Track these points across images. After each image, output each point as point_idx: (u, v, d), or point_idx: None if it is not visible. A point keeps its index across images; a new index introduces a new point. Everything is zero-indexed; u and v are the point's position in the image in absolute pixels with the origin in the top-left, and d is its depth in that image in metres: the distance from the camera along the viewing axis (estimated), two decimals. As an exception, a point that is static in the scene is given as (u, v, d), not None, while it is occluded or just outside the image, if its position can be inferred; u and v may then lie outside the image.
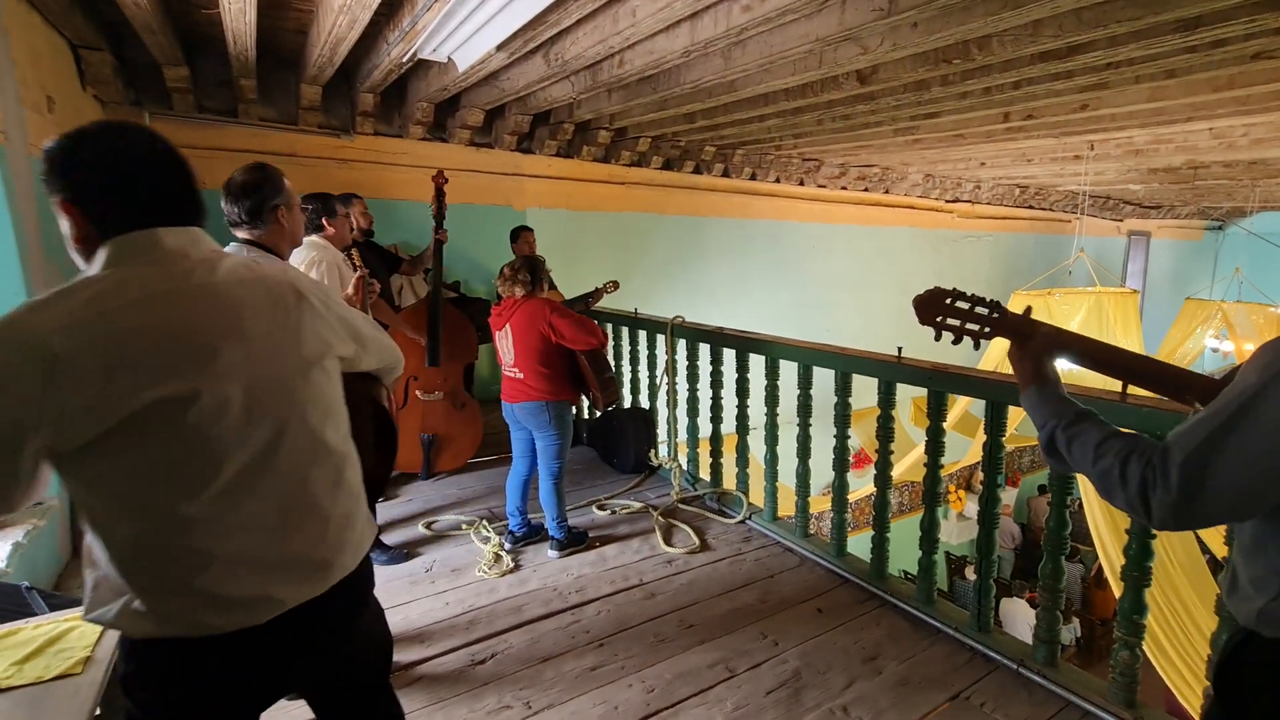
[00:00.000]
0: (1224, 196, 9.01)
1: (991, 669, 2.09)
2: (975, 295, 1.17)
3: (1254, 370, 0.79)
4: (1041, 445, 1.02)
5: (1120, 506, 0.88)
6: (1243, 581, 0.87)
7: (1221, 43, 2.74)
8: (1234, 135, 4.77)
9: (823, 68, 3.14)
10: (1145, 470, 0.82)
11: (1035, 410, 1.04)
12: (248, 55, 3.25)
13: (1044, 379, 1.06)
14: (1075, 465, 0.95)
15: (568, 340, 2.75)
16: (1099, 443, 0.90)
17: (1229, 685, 0.89)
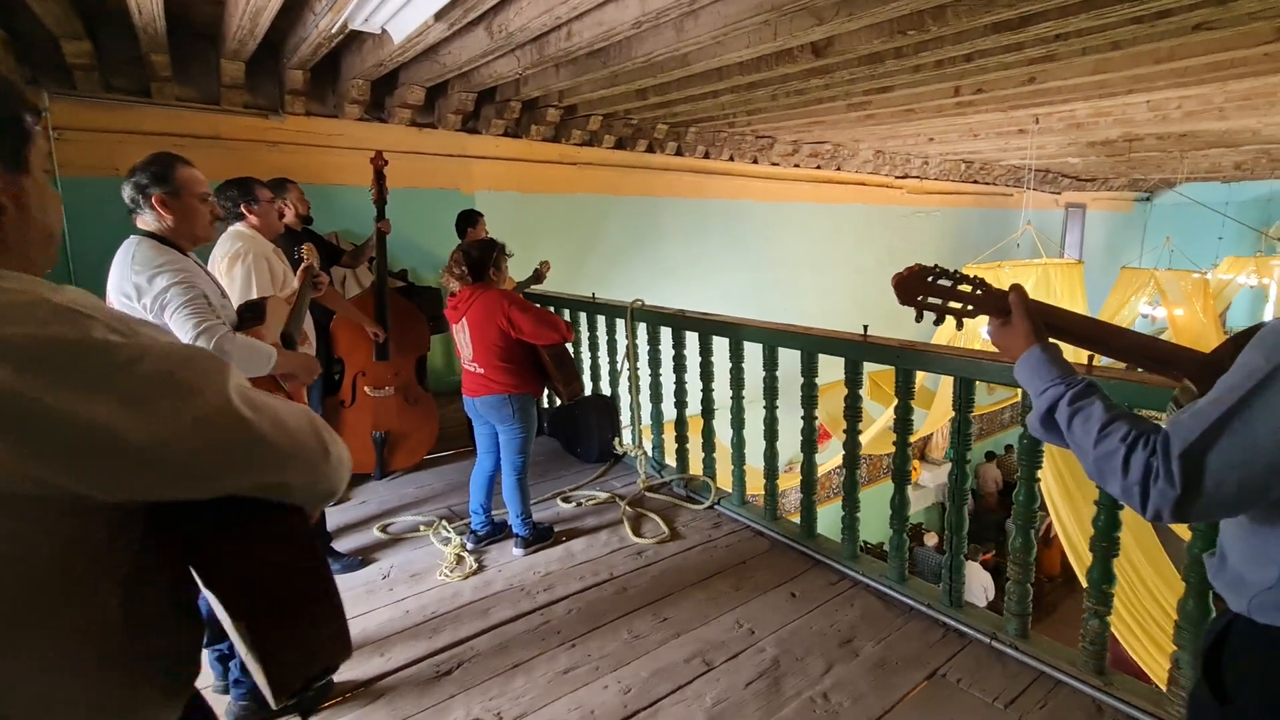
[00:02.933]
0: (1154, 169, 9.40)
1: (965, 644, 2.10)
2: (958, 272, 1.10)
3: (1261, 353, 0.74)
4: (1036, 413, 0.95)
5: (1112, 491, 0.83)
6: (1234, 563, 0.84)
7: (1166, 13, 2.76)
8: (1169, 108, 4.92)
9: (778, 39, 3.05)
10: (1150, 459, 0.77)
11: (1034, 374, 0.97)
12: (156, 27, 2.95)
13: (1044, 341, 0.99)
14: (1071, 440, 0.89)
15: (527, 335, 2.61)
16: (1105, 423, 0.84)
17: (1217, 668, 0.86)
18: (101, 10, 3.14)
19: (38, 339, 0.53)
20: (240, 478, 0.63)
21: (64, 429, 0.53)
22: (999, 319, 1.06)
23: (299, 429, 0.68)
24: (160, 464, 0.58)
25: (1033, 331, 1.01)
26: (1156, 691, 1.83)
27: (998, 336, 1.06)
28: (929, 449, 9.83)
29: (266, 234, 2.47)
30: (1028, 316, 1.02)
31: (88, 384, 0.54)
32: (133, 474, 0.57)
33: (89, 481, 0.56)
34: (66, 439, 0.54)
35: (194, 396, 0.59)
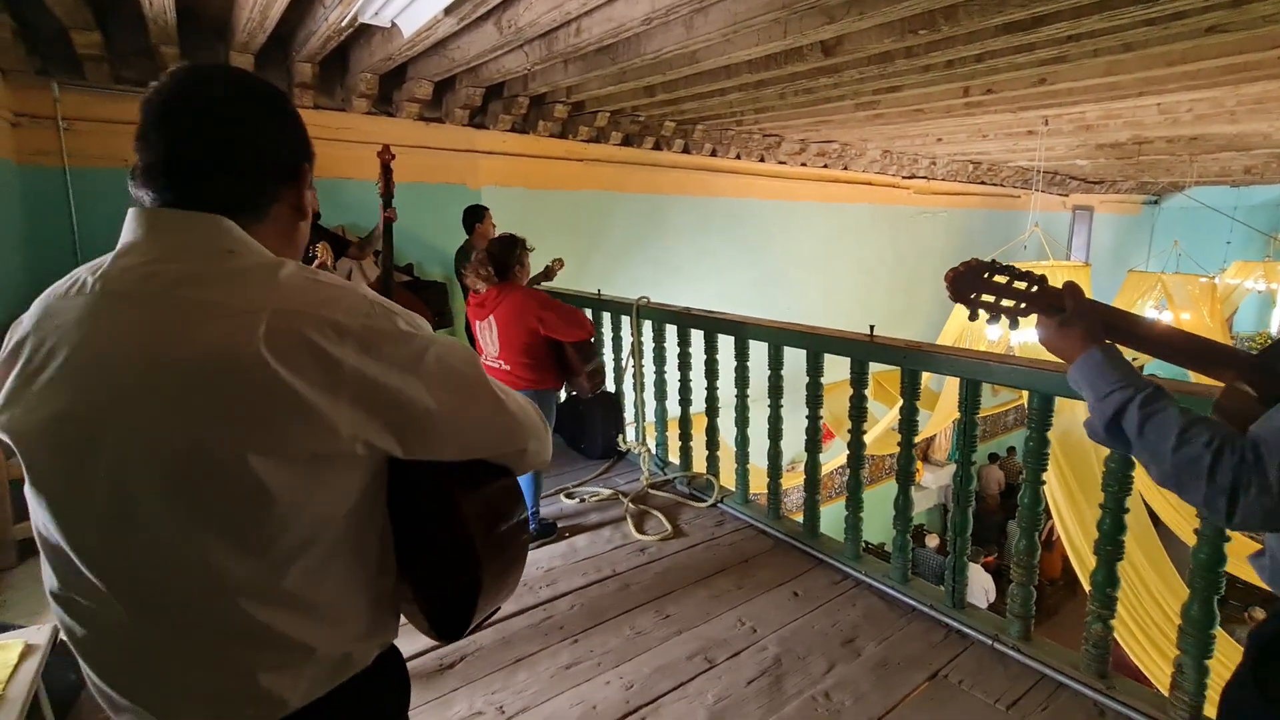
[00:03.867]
0: (1163, 172, 9.35)
1: (967, 645, 2.10)
2: (1017, 268, 1.04)
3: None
4: (1100, 418, 0.90)
5: (1193, 499, 0.80)
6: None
7: (1180, 15, 2.75)
8: (1179, 111, 4.89)
9: (788, 38, 3.04)
10: (1240, 466, 0.75)
11: (1098, 375, 0.92)
12: (167, 19, 2.96)
13: (1103, 343, 0.95)
14: (1141, 445, 0.86)
15: (558, 333, 2.67)
16: (1184, 428, 0.81)
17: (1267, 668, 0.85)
18: (111, 2, 3.15)
19: (369, 328, 0.68)
20: (497, 445, 0.81)
21: (390, 399, 0.68)
22: (1054, 319, 1.00)
23: (529, 409, 0.86)
24: (451, 431, 0.75)
25: (1091, 332, 0.96)
26: (1159, 696, 1.83)
27: (1053, 337, 1.00)
28: (932, 450, 9.81)
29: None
30: (1086, 316, 0.97)
31: (403, 366, 0.69)
32: (431, 437, 0.74)
33: (399, 443, 0.71)
34: (392, 406, 0.69)
35: (470, 383, 0.77)
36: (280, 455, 0.64)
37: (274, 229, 0.74)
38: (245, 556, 0.66)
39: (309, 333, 0.64)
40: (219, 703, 0.70)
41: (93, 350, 0.64)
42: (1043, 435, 1.94)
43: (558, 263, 4.14)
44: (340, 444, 0.67)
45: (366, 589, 0.76)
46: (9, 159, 3.30)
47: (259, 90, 0.74)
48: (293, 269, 0.69)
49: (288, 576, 0.68)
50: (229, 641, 0.68)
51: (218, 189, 0.69)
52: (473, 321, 2.79)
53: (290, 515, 0.66)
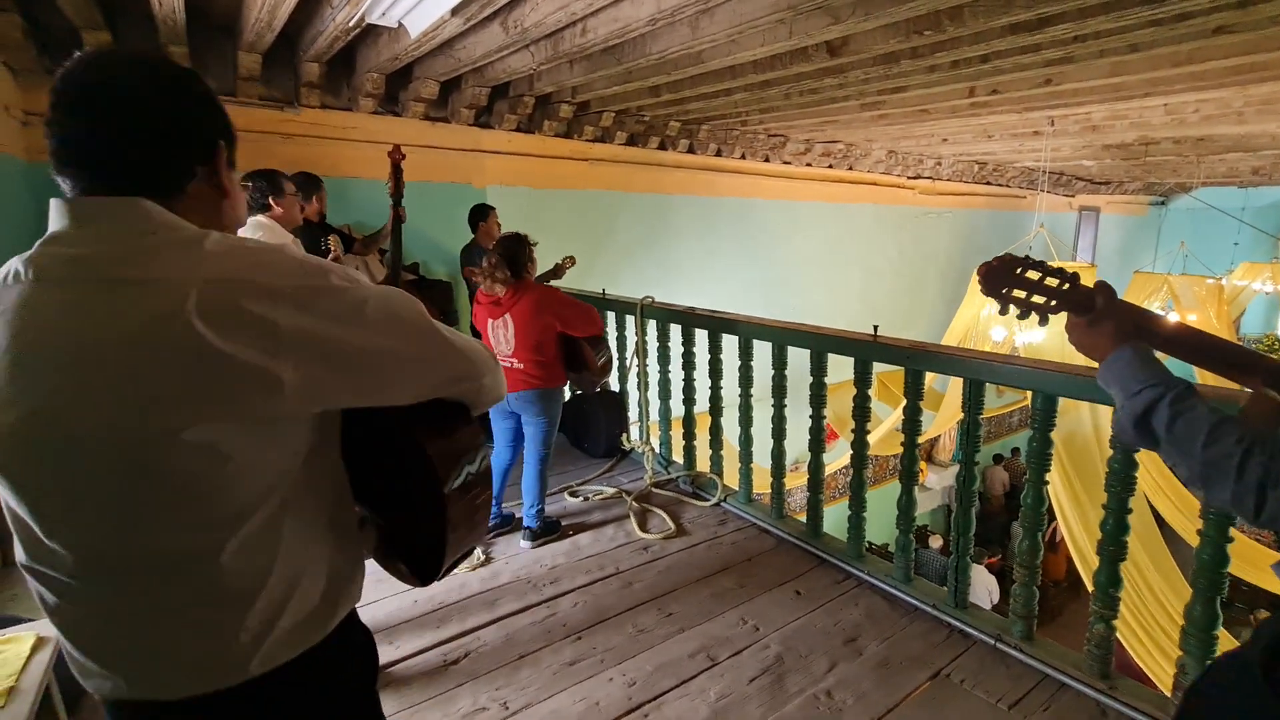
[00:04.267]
0: (1170, 173, 9.31)
1: (970, 644, 2.11)
2: (1049, 265, 1.03)
3: None
4: (1129, 416, 0.90)
5: (1219, 498, 0.80)
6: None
7: (1186, 16, 2.74)
8: (1186, 112, 4.87)
9: (793, 38, 3.05)
10: (1270, 464, 0.75)
11: (1128, 373, 0.92)
12: (176, 19, 2.98)
13: (1135, 342, 0.95)
14: (1170, 443, 0.85)
15: (577, 329, 2.73)
16: (1215, 425, 0.81)
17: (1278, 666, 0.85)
18: (121, 1, 3.17)
19: (303, 287, 0.70)
20: (452, 382, 0.84)
21: (334, 353, 0.70)
22: (1084, 318, 1.00)
23: (477, 345, 0.88)
24: (399, 374, 0.77)
25: (1122, 331, 0.96)
26: (1161, 697, 1.83)
27: (1083, 335, 1.01)
28: (936, 451, 9.79)
29: (286, 225, 2.51)
30: (1116, 315, 0.97)
31: (342, 317, 0.71)
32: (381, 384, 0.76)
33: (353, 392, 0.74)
34: (337, 360, 0.71)
35: (412, 326, 0.79)
36: (225, 420, 0.66)
37: (196, 206, 0.75)
38: (197, 523, 0.68)
39: (241, 299, 0.65)
40: (180, 667, 0.72)
41: (31, 337, 0.65)
42: (1046, 436, 1.94)
43: (568, 260, 4.14)
44: (286, 403, 0.68)
45: (323, 547, 0.79)
46: (19, 156, 3.33)
47: (164, 71, 0.74)
48: (217, 238, 0.70)
49: (236, 539, 0.70)
50: (187, 608, 0.71)
51: (130, 171, 0.70)
52: (483, 321, 2.79)
53: (243, 478, 0.69)
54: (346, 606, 0.84)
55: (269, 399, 0.67)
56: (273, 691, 0.76)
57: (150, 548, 0.68)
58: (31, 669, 1.27)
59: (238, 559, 0.71)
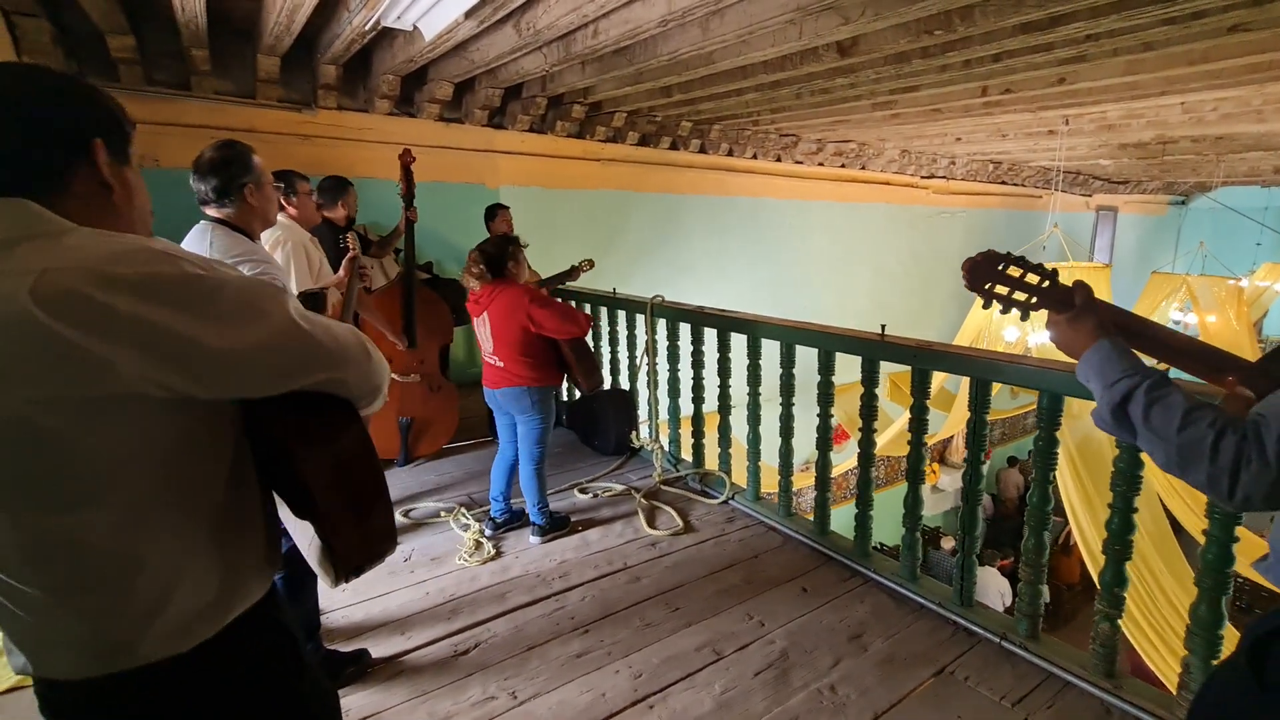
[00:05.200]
0: (1189, 172, 9.18)
1: (975, 643, 2.12)
2: (1030, 262, 1.09)
3: None
4: (1106, 405, 0.94)
5: (1196, 480, 0.83)
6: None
7: (1200, 14, 2.72)
8: (1204, 110, 4.82)
9: (803, 39, 3.06)
10: (1242, 444, 0.78)
11: (1106, 364, 0.96)
12: (198, 24, 3.06)
13: (1112, 335, 0.99)
14: (1146, 430, 0.89)
15: (549, 331, 2.66)
16: (1188, 410, 0.84)
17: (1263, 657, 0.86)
18: (145, 6, 3.25)
19: (147, 275, 0.70)
20: (305, 375, 0.82)
21: (173, 341, 0.70)
22: (1063, 314, 1.05)
23: (345, 336, 0.87)
24: (245, 365, 0.76)
25: (1101, 326, 1.00)
26: (1167, 696, 1.83)
27: (1061, 332, 1.05)
28: (949, 452, 9.74)
29: (303, 224, 2.57)
30: (1095, 312, 1.02)
31: (186, 307, 0.71)
32: (226, 374, 0.75)
33: (193, 382, 0.73)
34: (175, 348, 0.71)
35: (265, 315, 0.78)
36: (59, 401, 0.68)
37: (82, 205, 0.76)
38: (54, 508, 0.71)
39: (77, 285, 0.67)
40: (70, 649, 0.75)
41: None
42: (1051, 435, 1.95)
43: (586, 263, 4.17)
44: (122, 385, 0.69)
45: (209, 538, 0.79)
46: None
47: (30, 76, 0.77)
48: (84, 233, 0.72)
49: (99, 526, 0.72)
50: (62, 592, 0.73)
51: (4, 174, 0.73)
52: (472, 317, 2.83)
53: (87, 463, 0.71)
54: (242, 604, 0.84)
55: (102, 382, 0.68)
56: (173, 678, 0.78)
57: (19, 534, 0.71)
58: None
59: (103, 545, 0.73)
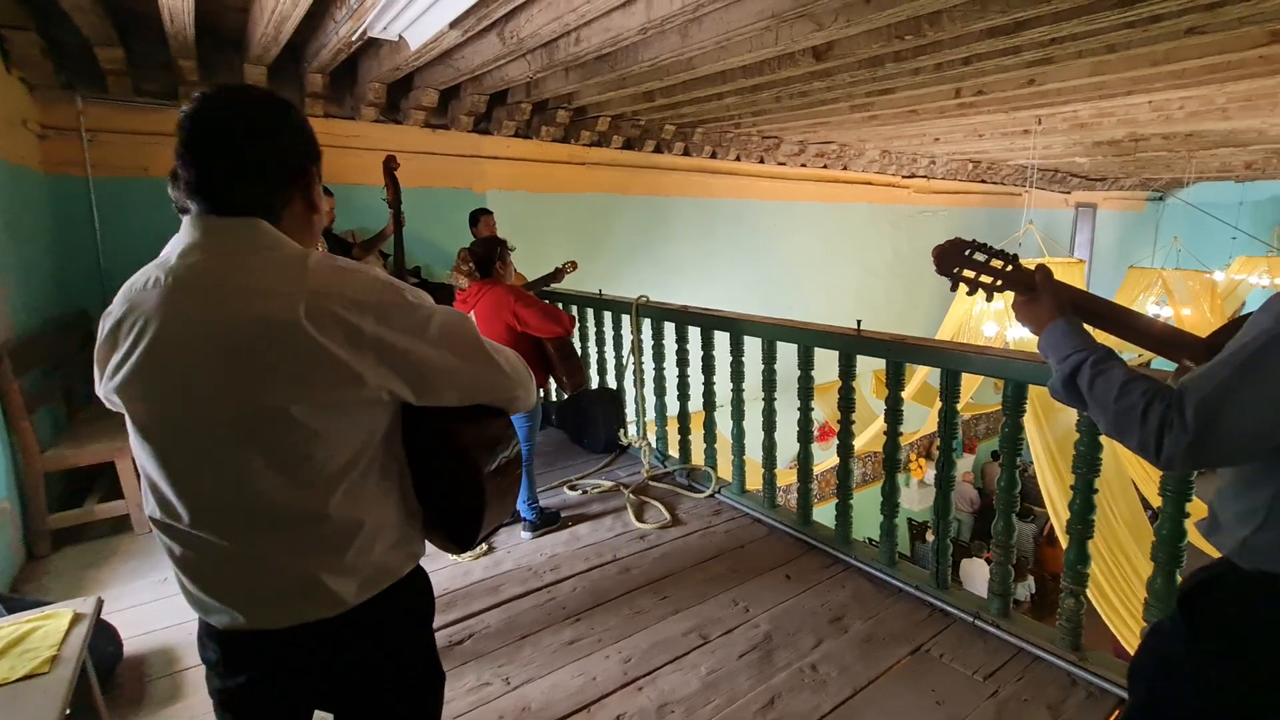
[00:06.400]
0: (1163, 168, 9.39)
1: (950, 622, 2.21)
2: (993, 248, 1.19)
3: (1269, 316, 0.83)
4: (1058, 377, 1.04)
5: (1130, 444, 0.92)
6: (1225, 520, 0.94)
7: (1157, 18, 2.84)
8: (1171, 108, 4.97)
9: (779, 44, 3.16)
10: (1166, 411, 0.87)
11: (1060, 341, 1.05)
12: (186, 35, 3.11)
13: (1068, 315, 1.08)
14: (1091, 399, 0.98)
15: (533, 329, 2.75)
16: (1125, 381, 0.93)
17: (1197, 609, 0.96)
18: (133, 18, 3.30)
19: (383, 302, 0.86)
20: (492, 394, 1.00)
21: (403, 358, 0.87)
22: (1026, 295, 1.15)
23: (517, 362, 1.05)
24: (453, 383, 0.94)
25: (1058, 306, 1.10)
26: (1127, 665, 1.92)
27: (1024, 311, 1.15)
28: (935, 448, 9.87)
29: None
30: (1053, 293, 1.11)
31: (411, 332, 0.88)
32: (438, 388, 0.93)
33: (412, 391, 0.90)
34: (404, 364, 0.87)
35: (467, 344, 0.95)
36: (319, 402, 0.83)
37: (292, 223, 0.91)
38: (300, 483, 0.84)
39: (336, 307, 0.82)
40: (290, 600, 0.89)
41: (171, 329, 0.83)
42: (1017, 421, 2.05)
43: (570, 265, 4.25)
44: (367, 391, 0.85)
45: (396, 507, 0.95)
46: (37, 169, 3.46)
47: (269, 110, 0.89)
48: (317, 258, 0.87)
49: (335, 497, 0.87)
50: (294, 553, 0.87)
51: (244, 197, 0.86)
52: None
53: (332, 448, 0.85)
54: (418, 554, 1.01)
55: (351, 387, 0.84)
56: (358, 621, 0.93)
57: (264, 503, 0.84)
58: (71, 640, 1.38)
59: (336, 513, 0.87)
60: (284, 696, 0.98)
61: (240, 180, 0.86)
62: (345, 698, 1.00)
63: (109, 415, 3.28)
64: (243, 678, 0.94)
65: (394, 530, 0.94)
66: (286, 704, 0.99)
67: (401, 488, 0.97)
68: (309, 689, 0.99)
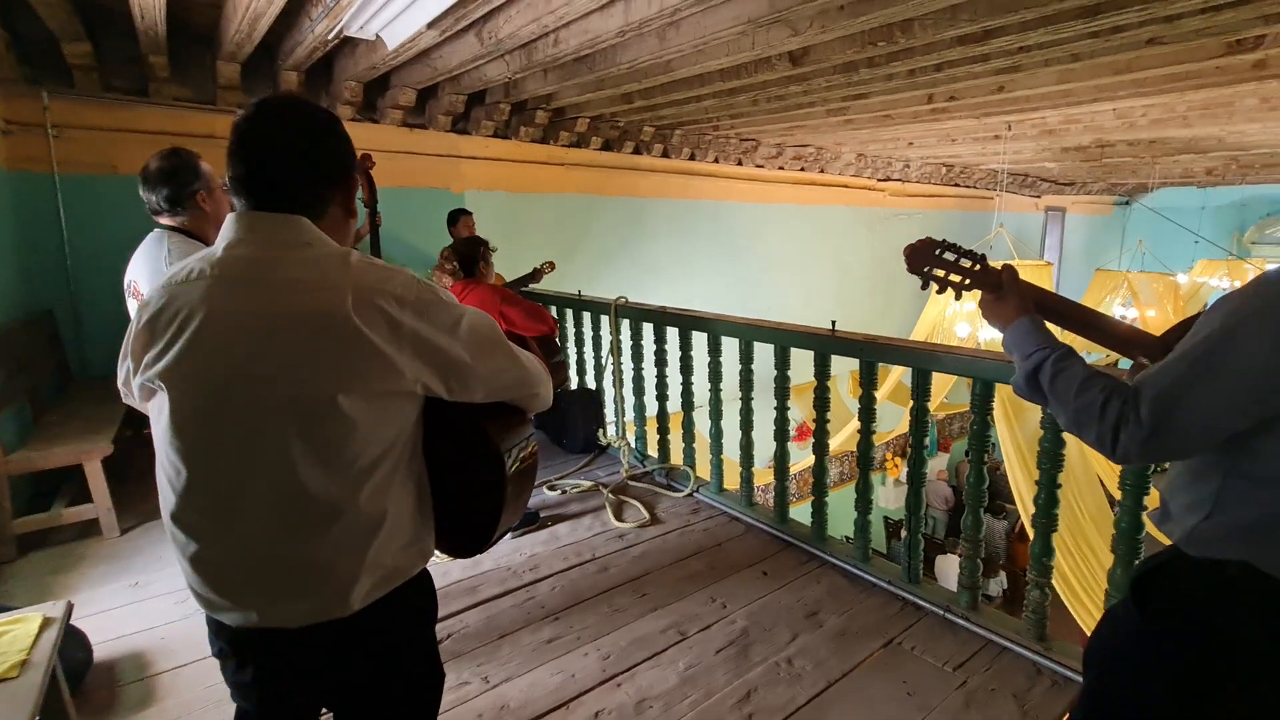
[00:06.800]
0: (1129, 173, 9.66)
1: (921, 616, 2.26)
2: (962, 248, 1.23)
3: (1215, 321, 0.88)
4: (1022, 374, 1.08)
5: (1089, 439, 0.96)
6: (1175, 510, 0.99)
7: (1120, 29, 2.94)
8: (1134, 115, 5.13)
9: (755, 49, 3.20)
10: (1123, 407, 0.91)
11: (1024, 339, 1.10)
12: (157, 31, 3.06)
13: (1032, 314, 1.13)
14: (1052, 395, 1.02)
15: (519, 328, 2.78)
16: (1085, 379, 0.98)
17: (1148, 594, 1.01)
18: (102, 13, 3.24)
19: (420, 299, 0.91)
20: (515, 391, 1.05)
21: (439, 354, 0.92)
22: (993, 294, 1.19)
23: (536, 364, 1.10)
24: (483, 380, 0.98)
25: (1023, 305, 1.14)
26: (1089, 654, 1.99)
27: (990, 309, 1.19)
28: (910, 446, 10.02)
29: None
30: (1019, 292, 1.16)
31: (445, 329, 0.93)
32: (470, 384, 0.97)
33: (445, 386, 0.94)
34: (440, 359, 0.92)
35: (496, 344, 1.01)
36: (361, 392, 0.86)
37: (331, 224, 0.95)
38: (335, 473, 0.87)
39: (380, 301, 0.87)
40: (301, 600, 0.90)
41: (218, 319, 0.85)
42: (984, 418, 2.11)
43: (548, 265, 4.26)
44: (404, 384, 0.89)
45: (413, 504, 0.98)
46: (1, 166, 3.38)
47: (318, 118, 0.94)
48: (358, 256, 0.92)
49: (366, 490, 0.89)
50: (320, 546, 0.88)
51: (290, 196, 0.90)
52: None
53: (367, 440, 0.88)
54: (426, 559, 1.02)
55: (392, 379, 0.88)
56: (367, 621, 0.93)
57: (299, 492, 0.86)
58: (41, 644, 1.36)
59: (365, 506, 0.89)
60: (293, 694, 0.99)
61: (288, 179, 0.90)
62: (348, 696, 1.01)
63: (77, 417, 3.24)
64: (251, 674, 0.96)
65: (409, 528, 0.96)
66: (296, 700, 1.01)
67: (419, 485, 0.99)
68: (316, 688, 1.00)
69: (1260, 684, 0.89)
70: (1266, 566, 0.87)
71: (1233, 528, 0.90)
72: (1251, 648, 0.89)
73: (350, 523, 0.89)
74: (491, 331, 1.00)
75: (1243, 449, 0.89)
